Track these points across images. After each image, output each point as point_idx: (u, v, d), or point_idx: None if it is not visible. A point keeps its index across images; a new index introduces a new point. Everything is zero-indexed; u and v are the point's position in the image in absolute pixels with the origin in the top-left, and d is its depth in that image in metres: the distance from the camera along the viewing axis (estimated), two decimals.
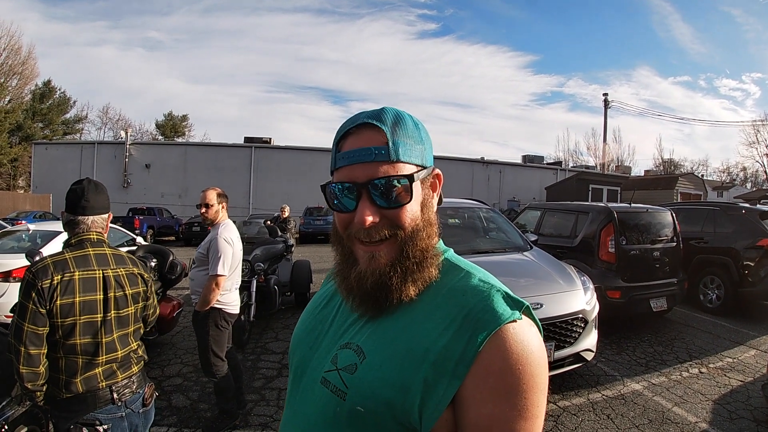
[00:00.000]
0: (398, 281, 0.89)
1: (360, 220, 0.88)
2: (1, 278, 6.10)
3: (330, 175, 0.97)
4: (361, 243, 0.91)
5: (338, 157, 0.92)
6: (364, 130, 0.91)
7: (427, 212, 0.95)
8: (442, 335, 0.82)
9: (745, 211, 8.97)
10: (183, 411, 4.54)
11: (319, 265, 13.13)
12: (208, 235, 4.19)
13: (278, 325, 7.57)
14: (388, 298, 0.89)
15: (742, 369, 5.76)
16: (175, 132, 57.80)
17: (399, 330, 0.87)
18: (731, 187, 48.21)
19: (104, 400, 2.15)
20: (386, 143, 0.89)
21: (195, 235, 22.80)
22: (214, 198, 4.15)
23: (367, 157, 0.88)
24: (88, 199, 2.24)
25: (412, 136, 0.93)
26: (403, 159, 0.90)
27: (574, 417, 4.45)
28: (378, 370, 0.84)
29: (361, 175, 0.88)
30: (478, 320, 0.81)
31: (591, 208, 8.11)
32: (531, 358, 0.78)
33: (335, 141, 0.95)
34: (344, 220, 0.93)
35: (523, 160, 40.80)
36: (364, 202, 0.89)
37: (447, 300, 0.88)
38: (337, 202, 0.92)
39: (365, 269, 0.91)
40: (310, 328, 1.06)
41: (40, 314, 2.00)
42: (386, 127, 0.90)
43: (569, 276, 5.42)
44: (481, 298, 0.84)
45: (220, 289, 3.98)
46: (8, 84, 41.77)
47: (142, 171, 33.78)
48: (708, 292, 8.89)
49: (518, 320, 0.82)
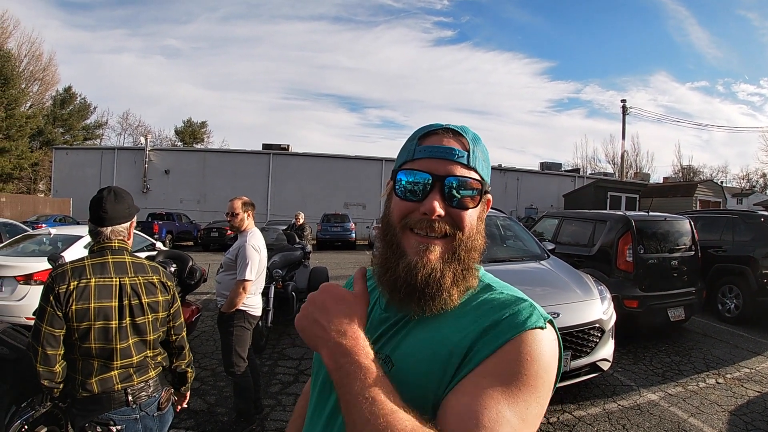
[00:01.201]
0: (449, 283, 0.91)
1: (429, 208, 0.90)
2: (23, 281, 6.19)
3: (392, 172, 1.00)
4: (415, 234, 0.92)
5: (418, 149, 0.95)
6: (448, 134, 0.95)
7: (480, 225, 0.98)
8: (466, 337, 0.85)
9: (764, 219, 8.90)
10: (200, 414, 4.62)
11: (337, 272, 13.20)
12: (236, 242, 4.40)
13: (295, 332, 7.49)
14: (435, 297, 0.90)
15: (760, 380, 5.72)
16: (194, 138, 58.28)
17: (428, 338, 0.89)
18: (751, 194, 47.43)
19: (119, 401, 2.20)
20: (468, 150, 0.94)
21: (213, 241, 23.04)
22: (239, 207, 4.34)
23: (450, 156, 0.92)
24: (106, 210, 2.30)
25: (484, 155, 0.98)
26: (478, 169, 0.95)
27: (589, 427, 4.45)
28: (405, 376, 0.86)
29: (440, 169, 0.92)
30: (504, 323, 0.84)
31: (609, 217, 8.09)
32: (541, 359, 0.81)
33: (415, 137, 0.98)
34: (406, 208, 0.94)
35: (541, 167, 40.65)
36: (436, 194, 0.91)
37: (477, 309, 0.91)
38: (407, 189, 0.94)
39: (416, 260, 0.91)
40: None
41: (57, 317, 2.07)
42: (468, 138, 0.96)
43: (586, 285, 5.42)
44: (511, 306, 0.88)
45: (246, 293, 4.20)
46: (29, 89, 42.46)
47: (162, 177, 34.17)
48: (726, 302, 8.81)
49: (543, 328, 0.85)
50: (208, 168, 34.69)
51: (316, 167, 34.49)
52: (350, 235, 25.15)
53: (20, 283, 6.19)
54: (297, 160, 35.12)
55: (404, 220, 0.94)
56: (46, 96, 45.60)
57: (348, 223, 25.60)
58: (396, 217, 0.95)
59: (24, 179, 43.73)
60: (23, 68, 41.39)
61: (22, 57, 41.23)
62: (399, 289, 0.93)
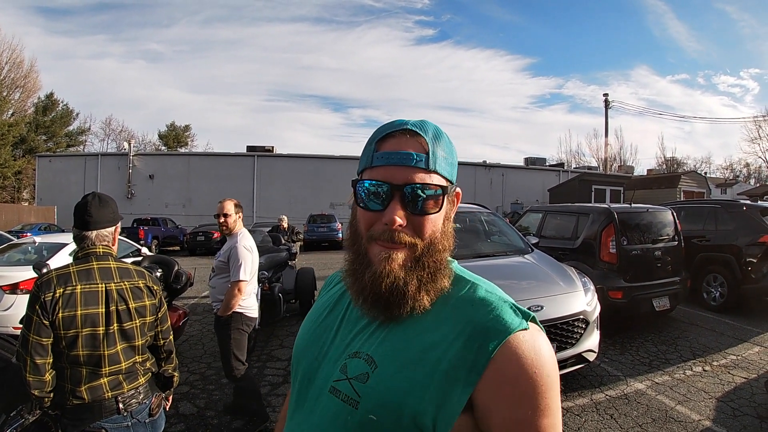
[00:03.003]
0: (414, 290, 0.90)
1: (389, 219, 0.89)
2: (9, 290, 6.15)
3: (357, 174, 0.98)
4: (379, 244, 0.91)
5: (376, 156, 0.93)
6: (406, 136, 0.92)
7: (446, 225, 0.97)
8: (453, 345, 0.84)
9: (746, 208, 8.96)
10: (190, 418, 4.59)
11: (323, 272, 13.15)
12: (226, 244, 4.36)
13: (283, 333, 7.61)
14: (401, 305, 0.90)
15: (746, 366, 5.77)
16: (177, 142, 57.91)
17: (409, 339, 0.89)
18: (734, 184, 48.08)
19: (110, 410, 2.18)
20: (427, 152, 0.91)
21: (199, 245, 22.97)
22: (231, 208, 4.32)
23: (407, 162, 0.90)
24: (91, 213, 2.29)
25: (446, 152, 0.95)
26: (438, 171, 0.92)
27: (577, 417, 4.48)
28: (390, 379, 0.85)
29: (398, 177, 0.89)
30: (488, 330, 0.84)
31: (591, 210, 8.13)
32: (544, 361, 0.82)
33: (373, 140, 0.96)
34: (370, 219, 0.93)
35: (525, 162, 40.91)
36: (396, 203, 0.89)
37: (455, 310, 0.90)
38: (367, 200, 0.93)
39: (380, 270, 0.90)
40: (314, 337, 1.05)
41: (44, 326, 2.05)
42: (428, 137, 0.92)
43: (569, 278, 5.46)
44: (490, 309, 0.87)
45: (242, 295, 4.16)
46: (11, 97, 41.88)
47: (146, 182, 33.98)
48: (711, 290, 8.88)
49: (526, 329, 0.85)
50: (193, 172, 34.52)
51: (301, 168, 34.49)
52: (337, 235, 25.02)
53: (6, 292, 6.17)
54: (282, 162, 35.11)
55: (369, 232, 0.93)
56: (27, 103, 44.95)
57: (334, 223, 25.50)
58: (362, 228, 0.95)
59: (7, 188, 43.23)
60: (4, 75, 40.82)
61: (2, 64, 40.65)
62: (366, 297, 0.93)
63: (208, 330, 7.75)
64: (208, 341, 7.14)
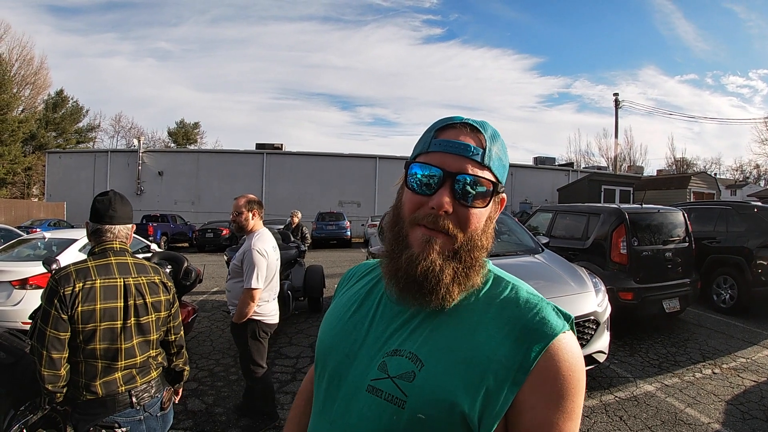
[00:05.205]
0: (448, 280, 0.90)
1: (438, 203, 0.89)
2: (18, 285, 6.19)
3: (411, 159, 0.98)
4: (422, 227, 0.92)
5: (434, 142, 0.94)
6: (466, 129, 0.94)
7: (488, 225, 0.97)
8: (501, 345, 0.85)
9: (757, 210, 8.90)
10: (198, 415, 4.62)
11: (332, 270, 13.20)
12: (243, 245, 4.16)
13: (292, 330, 7.64)
14: (433, 291, 0.90)
15: (756, 369, 5.74)
16: (187, 139, 58.17)
17: (456, 338, 0.89)
18: (744, 185, 47.64)
19: (123, 403, 2.21)
20: (484, 148, 0.92)
21: (208, 242, 23.23)
22: (243, 206, 4.07)
23: (464, 152, 0.91)
24: (115, 209, 2.33)
25: (501, 153, 0.97)
26: (492, 168, 0.93)
27: (586, 419, 4.46)
28: (440, 377, 0.85)
29: (453, 165, 0.90)
30: (534, 332, 0.85)
31: (602, 210, 8.09)
32: (578, 366, 0.84)
33: (433, 129, 0.97)
34: (417, 202, 0.92)
35: (535, 161, 40.76)
36: (445, 190, 0.89)
37: (501, 311, 0.91)
38: (417, 183, 0.93)
39: (418, 252, 0.90)
40: (342, 334, 1.03)
41: (62, 320, 2.06)
42: (486, 135, 0.94)
43: (580, 278, 5.44)
44: (536, 311, 0.88)
45: (255, 302, 3.94)
46: (21, 94, 42.28)
47: (155, 178, 34.11)
48: (721, 292, 8.83)
49: (567, 332, 0.87)
50: (202, 169, 34.62)
51: (310, 166, 34.48)
52: (345, 233, 25.15)
53: (16, 287, 6.21)
54: (291, 159, 35.12)
55: (413, 215, 0.93)
56: (38, 100, 45.47)
57: (343, 222, 25.57)
58: (407, 211, 0.95)
59: (17, 184, 43.56)
60: (14, 72, 41.18)
61: (13, 61, 41.05)
62: (399, 279, 0.93)
63: (216, 327, 7.81)
64: (216, 338, 7.18)
